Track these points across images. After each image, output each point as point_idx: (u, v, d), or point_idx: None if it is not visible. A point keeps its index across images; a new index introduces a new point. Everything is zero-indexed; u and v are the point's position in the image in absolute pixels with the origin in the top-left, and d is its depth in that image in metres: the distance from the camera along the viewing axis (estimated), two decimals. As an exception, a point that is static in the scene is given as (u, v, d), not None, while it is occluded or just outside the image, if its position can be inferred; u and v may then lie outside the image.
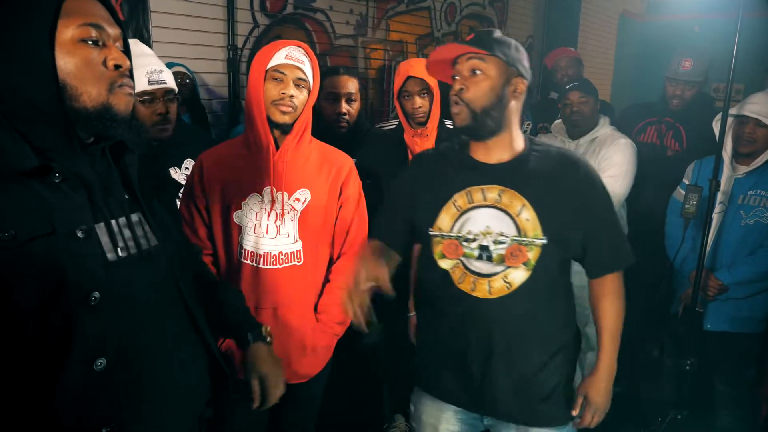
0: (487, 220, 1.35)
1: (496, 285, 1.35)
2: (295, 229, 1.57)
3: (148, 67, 1.68)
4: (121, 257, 0.93)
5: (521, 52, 1.37)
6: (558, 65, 3.61)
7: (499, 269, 1.35)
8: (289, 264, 1.56)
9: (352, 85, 2.18)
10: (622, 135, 2.51)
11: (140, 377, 0.96)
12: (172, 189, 1.85)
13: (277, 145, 1.55)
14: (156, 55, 1.79)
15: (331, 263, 1.67)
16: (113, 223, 0.94)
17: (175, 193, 1.83)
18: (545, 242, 1.32)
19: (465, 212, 1.38)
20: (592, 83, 2.61)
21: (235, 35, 2.46)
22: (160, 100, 1.68)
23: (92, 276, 0.87)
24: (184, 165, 1.95)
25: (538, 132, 3.35)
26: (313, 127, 1.62)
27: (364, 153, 2.12)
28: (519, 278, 1.34)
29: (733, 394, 2.28)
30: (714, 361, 2.30)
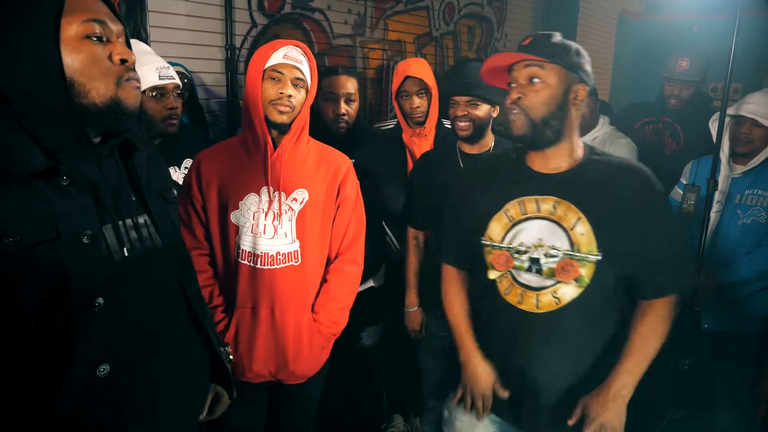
0: (540, 232, 1.29)
1: (544, 299, 1.29)
2: (293, 230, 1.56)
3: (157, 63, 1.74)
4: (127, 259, 0.93)
5: (583, 56, 1.30)
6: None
7: (548, 283, 1.29)
8: (287, 264, 1.56)
9: (351, 85, 2.17)
10: (623, 135, 2.52)
11: (143, 381, 0.96)
12: (176, 190, 1.86)
13: (274, 145, 1.55)
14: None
15: (328, 263, 1.67)
16: (120, 225, 0.94)
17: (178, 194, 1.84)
18: (599, 258, 1.25)
19: (517, 223, 1.32)
20: (590, 83, 2.60)
21: (233, 35, 2.45)
22: (170, 95, 1.75)
23: (96, 281, 0.87)
24: (184, 165, 1.96)
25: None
26: (311, 127, 1.62)
27: (363, 153, 2.12)
28: (569, 294, 1.28)
29: (731, 393, 2.28)
30: (712, 360, 2.31)
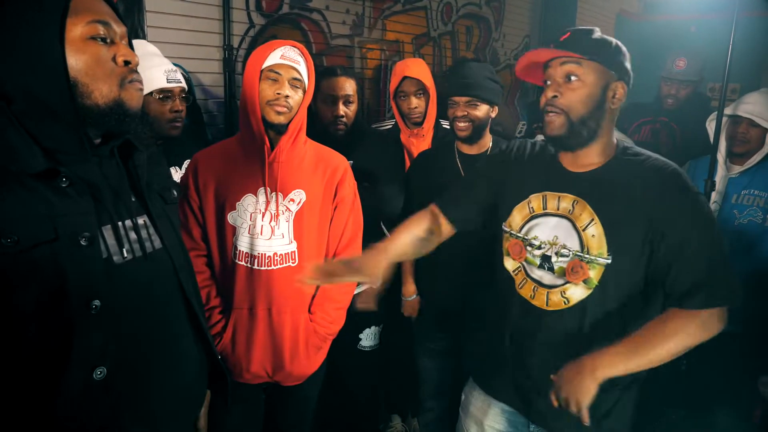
0: (557, 230, 1.28)
1: (554, 298, 1.29)
2: (290, 230, 1.56)
3: (166, 65, 1.75)
4: (126, 260, 0.93)
5: (623, 52, 1.25)
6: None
7: (559, 282, 1.28)
8: (284, 265, 1.56)
9: (349, 86, 2.16)
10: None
11: (141, 382, 0.96)
12: (177, 190, 1.86)
13: (272, 146, 1.55)
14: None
15: (326, 264, 1.66)
16: (120, 226, 0.94)
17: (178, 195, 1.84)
18: (609, 262, 1.22)
19: (537, 216, 1.31)
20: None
21: (230, 35, 2.45)
22: (176, 98, 1.76)
23: (93, 283, 0.87)
24: (184, 165, 1.95)
25: (533, 132, 3.34)
26: (309, 128, 1.62)
27: (361, 154, 2.11)
28: (577, 295, 1.26)
29: (729, 393, 2.28)
30: (709, 360, 2.31)
